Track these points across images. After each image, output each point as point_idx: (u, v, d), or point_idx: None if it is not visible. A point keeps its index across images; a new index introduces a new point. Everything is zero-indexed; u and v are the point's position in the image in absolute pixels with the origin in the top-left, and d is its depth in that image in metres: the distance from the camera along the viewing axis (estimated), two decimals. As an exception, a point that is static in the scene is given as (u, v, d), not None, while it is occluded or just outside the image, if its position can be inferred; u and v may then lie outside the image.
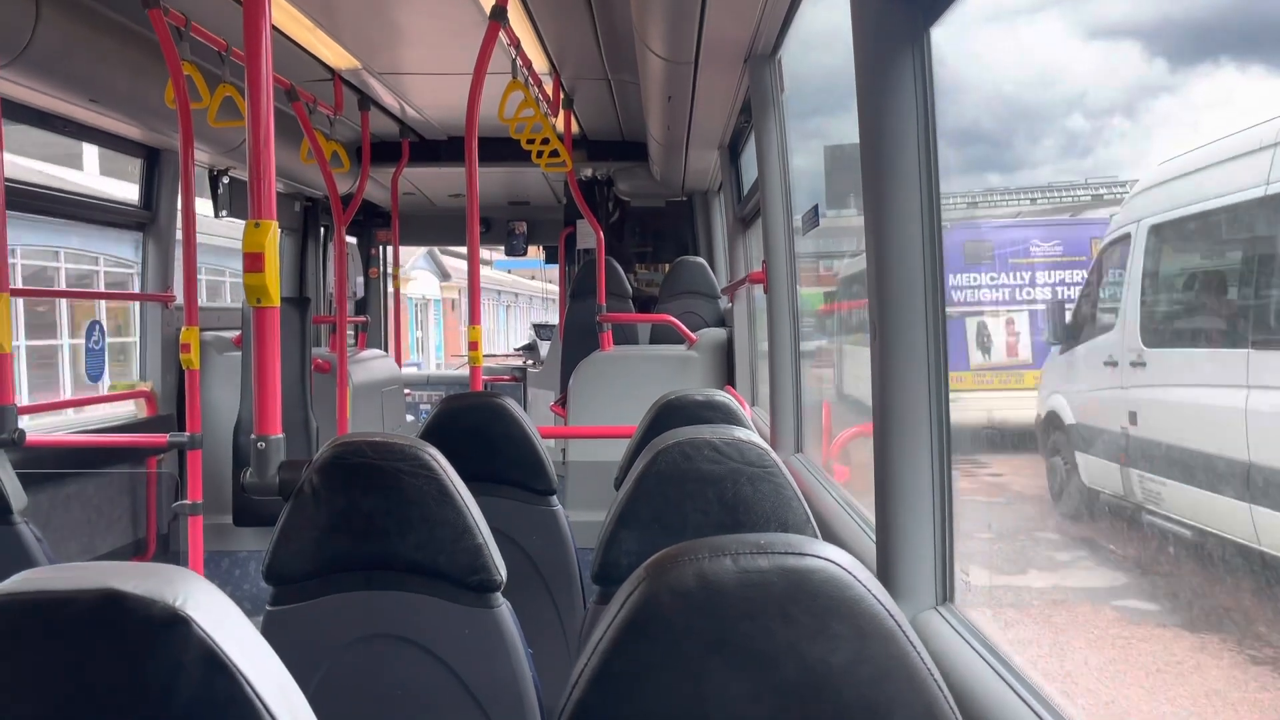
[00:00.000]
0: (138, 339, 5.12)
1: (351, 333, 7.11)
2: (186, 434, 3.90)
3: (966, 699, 1.36)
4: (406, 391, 7.25)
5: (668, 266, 7.53)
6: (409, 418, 7.37)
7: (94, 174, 11.63)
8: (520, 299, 33.70)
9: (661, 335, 5.96)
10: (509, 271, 26.08)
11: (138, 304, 5.19)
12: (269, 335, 2.31)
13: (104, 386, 5.86)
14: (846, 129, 1.78)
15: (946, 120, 1.72)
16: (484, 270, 22.76)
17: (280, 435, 2.32)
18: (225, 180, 5.42)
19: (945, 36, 1.71)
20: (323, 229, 7.23)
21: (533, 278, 30.07)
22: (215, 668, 0.89)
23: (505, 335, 30.58)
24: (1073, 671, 2.96)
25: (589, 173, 6.95)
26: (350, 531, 1.88)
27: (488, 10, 3.48)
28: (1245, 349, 2.59)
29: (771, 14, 3.10)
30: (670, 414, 2.52)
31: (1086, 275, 4.15)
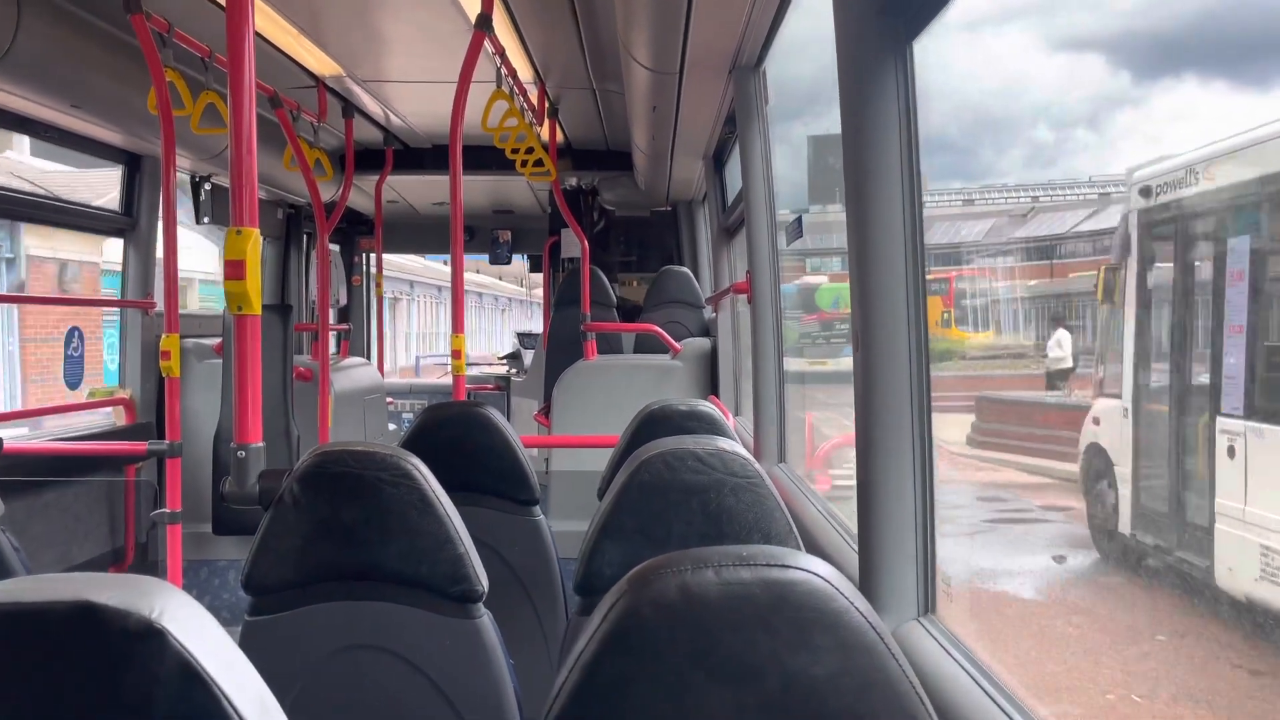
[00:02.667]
0: (118, 345, 5.08)
1: (334, 341, 7.08)
2: (166, 442, 3.87)
3: (948, 710, 1.37)
4: (389, 400, 7.22)
5: (637, 279, 7.55)
6: (391, 426, 7.34)
7: None
8: (446, 293, 27.89)
9: (646, 345, 5.96)
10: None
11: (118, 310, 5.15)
12: (250, 343, 2.30)
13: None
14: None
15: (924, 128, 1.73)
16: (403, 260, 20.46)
17: (261, 444, 2.31)
18: (207, 187, 5.39)
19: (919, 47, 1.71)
20: (306, 236, 7.20)
21: (477, 270, 24.84)
22: (191, 680, 0.88)
23: (403, 344, 23.70)
24: None
25: (574, 182, 6.96)
26: (331, 541, 1.87)
27: (473, 19, 3.48)
28: None
29: (756, 26, 3.11)
30: (654, 424, 2.52)
31: None
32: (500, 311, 32.91)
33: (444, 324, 27.34)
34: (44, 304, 12.60)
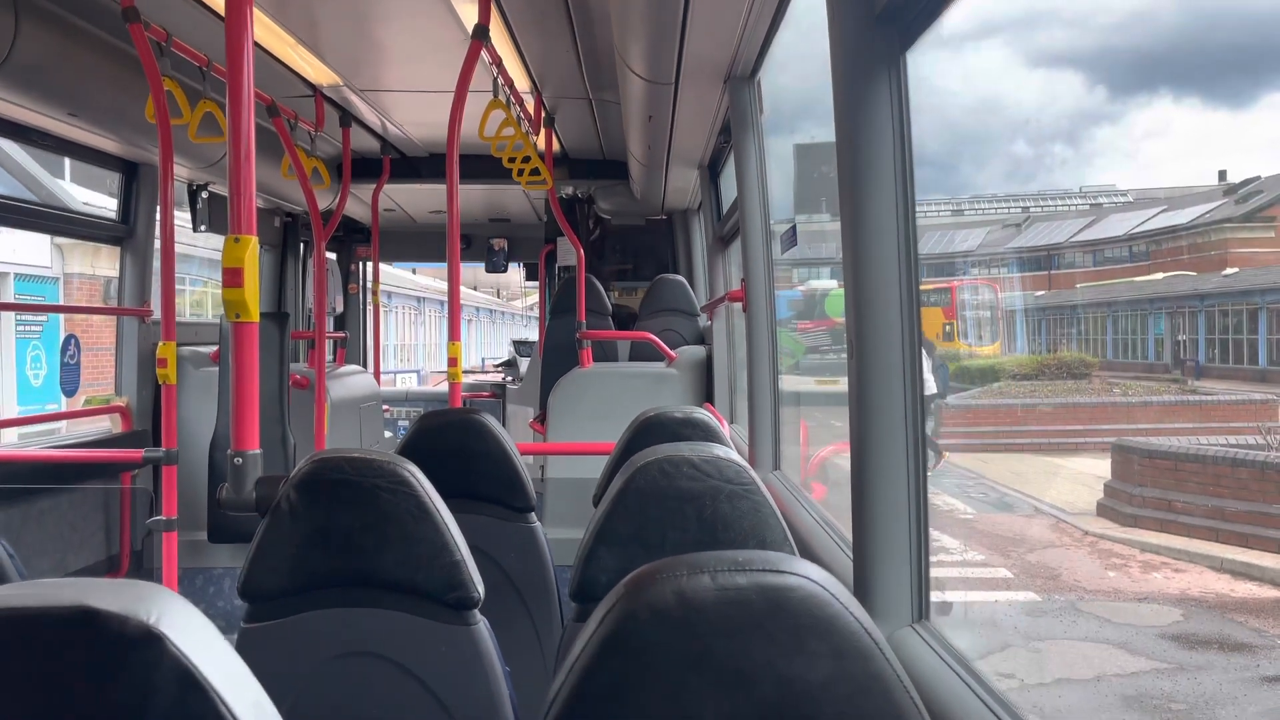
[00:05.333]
0: (115, 353, 5.07)
1: (330, 348, 7.08)
2: (162, 449, 3.87)
3: (943, 717, 1.37)
4: (385, 408, 7.22)
5: (632, 288, 7.55)
6: (387, 434, 7.33)
7: None
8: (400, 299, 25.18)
9: (641, 353, 5.96)
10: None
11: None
12: (247, 350, 2.31)
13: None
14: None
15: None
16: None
17: (257, 451, 2.32)
18: (204, 195, 5.39)
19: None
20: (302, 244, 7.21)
21: (412, 272, 23.21)
22: (189, 686, 0.88)
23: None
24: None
25: (570, 191, 6.97)
26: (327, 548, 1.88)
27: (470, 29, 3.49)
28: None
29: (751, 36, 3.13)
30: (649, 431, 2.53)
31: None
32: (466, 322, 30.65)
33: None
34: (40, 311, 12.58)
